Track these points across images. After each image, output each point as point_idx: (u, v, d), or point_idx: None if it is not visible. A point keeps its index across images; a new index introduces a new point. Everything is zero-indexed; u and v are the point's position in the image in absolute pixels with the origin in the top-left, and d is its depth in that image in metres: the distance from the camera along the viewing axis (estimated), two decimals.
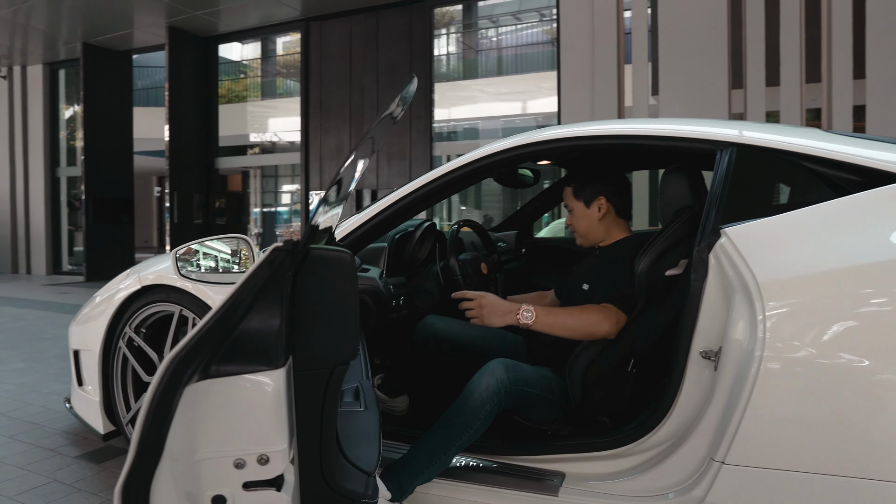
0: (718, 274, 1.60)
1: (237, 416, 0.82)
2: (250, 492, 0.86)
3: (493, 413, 1.86)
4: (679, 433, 1.67)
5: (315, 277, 0.96)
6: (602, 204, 2.12)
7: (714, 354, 1.59)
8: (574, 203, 2.17)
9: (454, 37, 11.94)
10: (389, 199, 2.11)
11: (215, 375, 0.81)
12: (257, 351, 0.83)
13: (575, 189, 2.17)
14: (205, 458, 0.83)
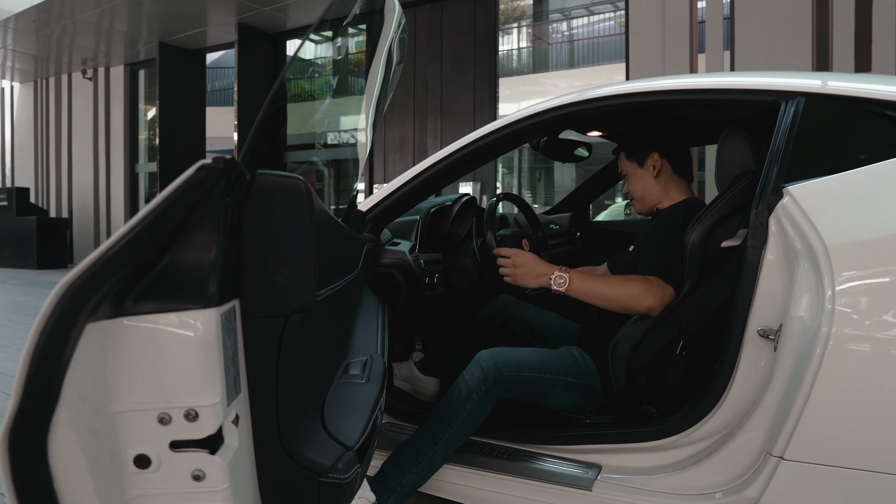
0: (780, 239, 1.38)
1: (160, 362, 0.70)
2: (178, 452, 0.74)
3: (483, 404, 1.69)
4: (731, 424, 1.45)
5: (263, 208, 0.83)
6: (656, 161, 1.92)
7: (774, 333, 1.37)
8: (627, 166, 1.99)
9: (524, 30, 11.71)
10: (422, 165, 1.97)
11: (132, 313, 0.69)
12: (184, 287, 0.71)
13: (627, 151, 2.00)
14: (124, 410, 0.71)
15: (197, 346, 0.71)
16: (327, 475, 0.88)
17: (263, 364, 0.83)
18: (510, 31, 11.18)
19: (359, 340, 1.53)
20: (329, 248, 0.93)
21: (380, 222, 1.98)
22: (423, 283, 2.07)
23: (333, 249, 0.97)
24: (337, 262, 1.03)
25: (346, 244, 1.20)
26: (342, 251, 1.13)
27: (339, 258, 1.07)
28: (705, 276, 1.69)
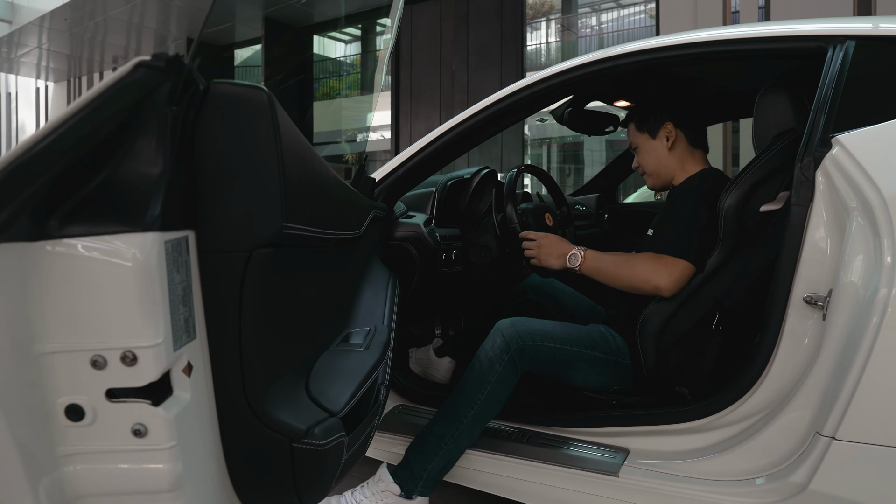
0: (828, 195, 1.23)
1: (91, 294, 0.60)
2: (116, 403, 0.63)
3: (506, 376, 1.57)
4: (774, 402, 1.31)
5: (219, 123, 0.71)
6: (670, 131, 1.77)
7: (822, 300, 1.22)
8: (638, 138, 1.84)
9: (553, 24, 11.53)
10: (437, 131, 1.85)
11: (58, 236, 0.59)
12: (121, 206, 0.60)
13: (638, 121, 1.83)
14: (50, 351, 0.61)
15: (133, 276, 0.60)
16: (301, 440, 0.77)
17: (224, 307, 0.72)
18: (539, 25, 11.00)
19: (363, 310, 1.42)
20: (307, 181, 0.82)
21: (393, 193, 1.87)
22: (439, 257, 1.96)
23: (315, 186, 0.86)
24: (324, 205, 0.92)
25: (340, 193, 1.09)
26: (333, 198, 1.01)
27: (328, 204, 0.96)
28: (742, 243, 1.55)
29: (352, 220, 1.26)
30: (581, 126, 2.40)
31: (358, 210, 1.36)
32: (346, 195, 1.19)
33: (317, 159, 0.88)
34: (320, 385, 0.92)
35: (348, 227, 1.21)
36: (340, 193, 1.12)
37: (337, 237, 1.07)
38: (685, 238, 1.59)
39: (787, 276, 1.28)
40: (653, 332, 1.61)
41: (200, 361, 0.71)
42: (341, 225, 1.12)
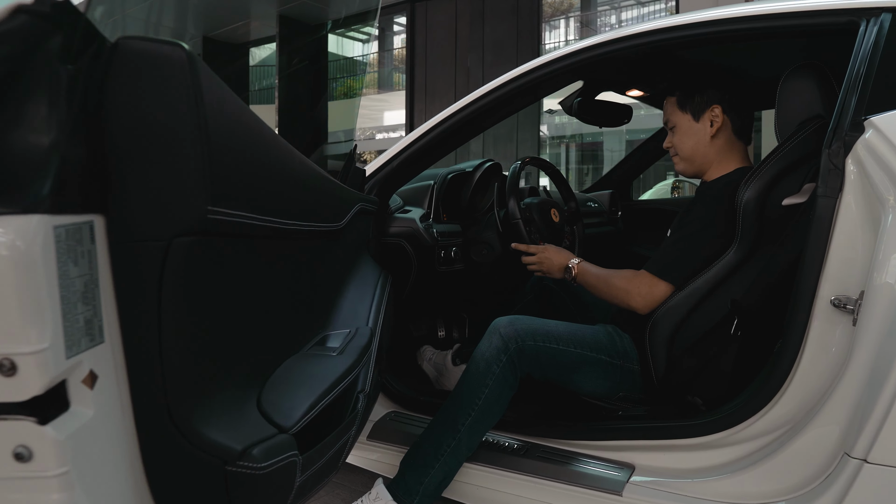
0: (860, 185, 1.10)
1: None
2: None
3: (505, 378, 1.45)
4: (797, 416, 1.17)
5: (127, 86, 0.60)
6: (716, 116, 1.57)
7: (852, 303, 1.09)
8: (678, 117, 1.63)
9: (571, 22, 11.39)
10: (434, 120, 1.73)
11: None
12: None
13: (680, 98, 1.62)
14: None
15: (9, 267, 0.49)
16: (236, 463, 0.66)
17: (140, 306, 0.60)
18: (557, 23, 10.85)
19: (346, 311, 1.31)
20: (251, 160, 0.70)
21: (388, 186, 1.75)
22: (436, 255, 1.84)
23: (265, 167, 0.75)
24: (281, 191, 0.81)
25: (310, 181, 0.97)
26: (298, 185, 0.90)
27: (288, 190, 0.84)
28: (762, 241, 1.41)
29: (327, 211, 1.14)
30: (592, 117, 2.27)
31: (338, 201, 1.25)
32: (320, 184, 1.07)
33: (269, 137, 0.77)
34: (276, 396, 0.81)
35: (322, 219, 1.10)
36: (311, 181, 1.00)
37: (304, 229, 0.96)
38: (678, 255, 1.50)
39: (813, 277, 1.14)
40: (664, 335, 1.48)
41: (110, 370, 0.60)
42: (310, 216, 1.01)
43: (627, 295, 1.52)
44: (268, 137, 0.77)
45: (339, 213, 1.26)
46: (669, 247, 1.53)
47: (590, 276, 1.62)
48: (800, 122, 1.43)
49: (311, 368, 0.94)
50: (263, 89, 8.51)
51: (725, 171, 1.60)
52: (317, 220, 1.05)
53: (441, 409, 1.51)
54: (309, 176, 0.99)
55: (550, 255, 1.73)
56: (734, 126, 1.60)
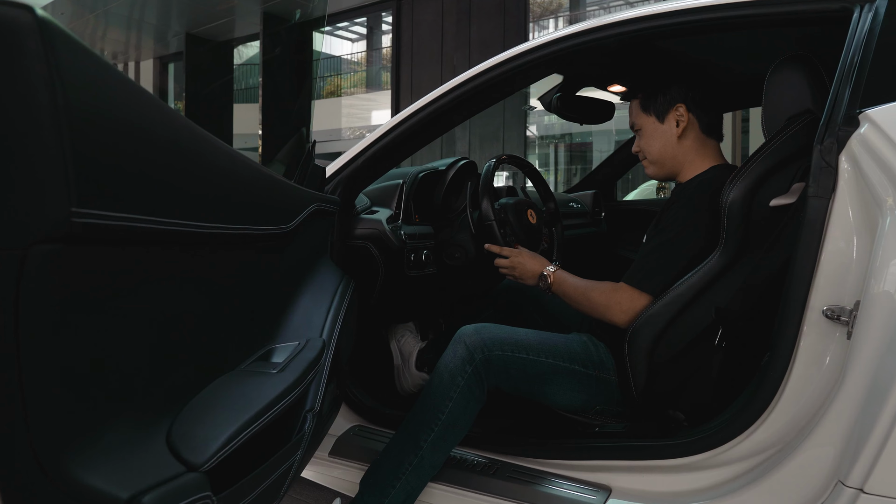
0: (855, 184, 1.00)
1: None
2: None
3: (470, 391, 1.35)
4: (786, 437, 1.07)
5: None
6: (681, 115, 1.50)
7: (847, 314, 0.99)
8: (643, 119, 1.56)
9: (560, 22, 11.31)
10: (402, 114, 1.63)
11: None
12: None
13: (643, 100, 1.55)
14: None
15: None
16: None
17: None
18: (546, 23, 10.76)
19: (297, 322, 1.20)
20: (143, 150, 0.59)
21: (353, 185, 1.64)
22: (405, 258, 1.73)
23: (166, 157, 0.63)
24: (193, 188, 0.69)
25: (243, 177, 0.86)
26: (223, 181, 0.78)
27: (206, 187, 0.73)
28: (748, 244, 1.31)
29: (269, 212, 1.03)
30: (572, 114, 2.17)
31: (285, 201, 1.13)
32: (260, 182, 0.96)
33: (177, 126, 0.66)
34: (189, 426, 0.70)
35: (263, 221, 0.99)
36: (245, 179, 0.89)
37: (234, 233, 0.85)
38: (658, 264, 1.40)
39: (803, 285, 1.04)
40: (645, 345, 1.38)
41: None
42: (244, 218, 0.89)
43: (608, 310, 1.43)
44: (175, 126, 0.66)
45: (289, 214, 1.15)
46: (648, 255, 1.43)
47: (566, 287, 1.52)
48: (788, 118, 1.34)
49: (242, 389, 0.83)
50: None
51: (699, 170, 1.51)
52: (254, 222, 0.94)
53: (402, 424, 1.40)
54: (242, 173, 0.88)
55: (524, 259, 1.63)
56: (701, 124, 1.52)
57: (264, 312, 1.08)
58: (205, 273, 0.81)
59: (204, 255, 0.79)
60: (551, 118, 10.11)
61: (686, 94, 1.51)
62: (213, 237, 0.79)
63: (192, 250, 0.75)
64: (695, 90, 1.52)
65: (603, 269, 1.75)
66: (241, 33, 10.24)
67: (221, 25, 9.81)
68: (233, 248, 0.90)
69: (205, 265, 0.81)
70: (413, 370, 1.92)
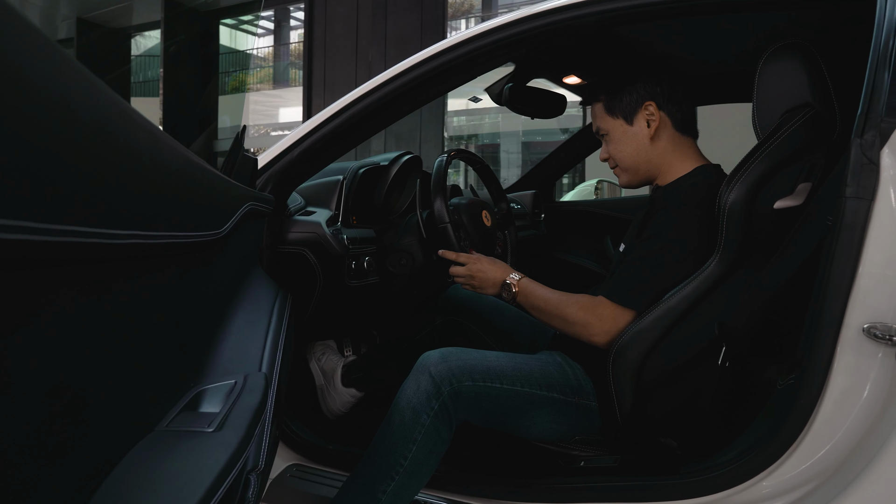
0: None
1: None
2: None
3: (437, 431, 1.16)
4: (821, 474, 0.93)
5: None
6: (651, 114, 1.35)
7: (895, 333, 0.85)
8: (609, 123, 1.39)
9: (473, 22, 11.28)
10: (345, 100, 1.40)
11: None
12: None
13: (607, 102, 1.39)
14: None
15: None
16: None
17: None
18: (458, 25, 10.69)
19: (229, 351, 0.95)
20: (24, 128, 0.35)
21: (285, 181, 1.40)
22: (346, 266, 1.51)
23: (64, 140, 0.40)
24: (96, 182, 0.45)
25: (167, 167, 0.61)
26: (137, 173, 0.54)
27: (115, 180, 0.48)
28: (748, 251, 1.17)
29: (199, 214, 0.78)
30: (523, 106, 1.99)
31: (217, 199, 0.89)
32: (187, 170, 0.71)
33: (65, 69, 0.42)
34: None
35: (189, 225, 0.74)
36: (169, 165, 0.64)
37: (150, 243, 0.60)
38: (646, 277, 1.23)
39: (839, 299, 0.90)
40: (631, 366, 1.22)
41: None
42: (165, 221, 0.65)
43: (586, 329, 1.24)
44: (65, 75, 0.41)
45: (222, 216, 0.90)
46: (632, 266, 1.26)
47: (535, 299, 1.33)
48: (785, 112, 1.21)
49: (170, 467, 0.59)
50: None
51: (681, 171, 1.36)
52: (181, 227, 0.69)
53: (355, 471, 1.18)
54: (166, 158, 0.63)
55: (484, 266, 1.42)
56: (675, 121, 1.37)
57: (190, 344, 0.83)
58: (110, 305, 0.56)
59: (111, 277, 0.54)
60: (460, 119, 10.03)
61: (654, 89, 1.36)
62: (126, 250, 0.54)
63: (95, 272, 0.51)
64: (663, 84, 1.37)
65: (543, 274, 1.58)
66: (141, 20, 9.51)
67: (117, 11, 9.07)
68: (150, 264, 0.65)
69: (113, 292, 0.56)
70: (339, 387, 1.70)
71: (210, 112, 1.43)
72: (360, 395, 1.68)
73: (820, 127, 1.17)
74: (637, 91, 1.36)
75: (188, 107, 2.43)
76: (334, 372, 1.68)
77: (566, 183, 8.13)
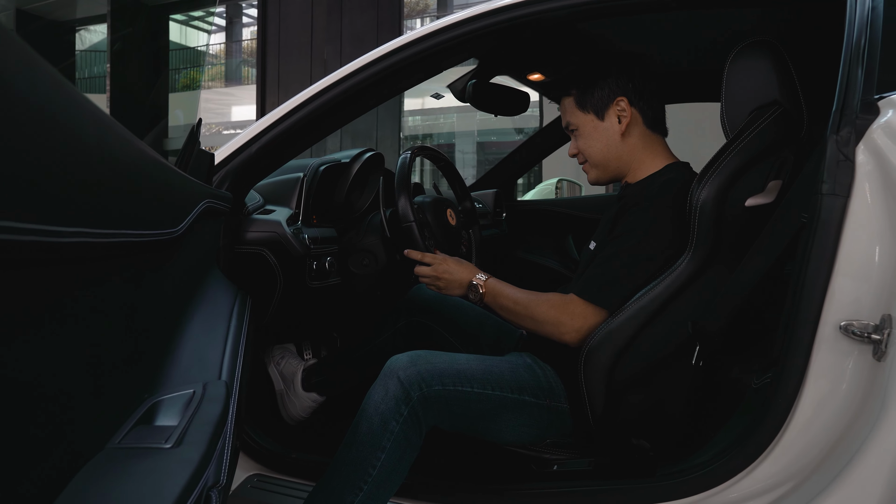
0: (879, 180, 0.87)
1: None
2: None
3: (407, 437, 1.12)
4: (798, 473, 0.92)
5: None
6: (623, 109, 1.34)
7: (873, 331, 0.85)
8: (579, 118, 1.38)
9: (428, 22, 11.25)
10: (299, 97, 1.35)
11: None
12: None
13: (578, 96, 1.37)
14: None
15: None
16: None
17: None
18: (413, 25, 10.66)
19: (185, 359, 0.89)
20: None
21: (243, 178, 1.34)
22: (307, 267, 1.45)
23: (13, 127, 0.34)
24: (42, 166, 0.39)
25: (115, 159, 0.55)
26: (84, 164, 0.48)
27: (62, 174, 0.43)
28: (719, 249, 1.17)
29: (154, 210, 0.72)
30: (486, 103, 1.97)
31: (172, 196, 0.83)
32: (139, 162, 0.65)
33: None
34: None
35: (143, 223, 0.68)
36: (120, 157, 0.58)
37: (101, 241, 0.54)
38: (618, 275, 1.22)
39: (815, 297, 0.89)
40: (602, 366, 1.20)
41: None
42: (117, 218, 0.59)
43: (557, 328, 1.22)
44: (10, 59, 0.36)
45: (178, 214, 0.84)
46: (604, 263, 1.24)
47: (503, 300, 1.30)
48: (753, 110, 1.21)
49: (124, 489, 0.53)
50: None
51: (652, 169, 1.35)
52: (134, 224, 0.64)
53: (322, 481, 1.13)
54: (116, 150, 0.57)
55: (450, 267, 1.39)
56: (646, 118, 1.36)
57: (144, 352, 0.77)
58: (53, 311, 0.50)
59: (54, 281, 0.48)
60: (415, 119, 10.00)
61: (626, 85, 1.35)
62: (74, 248, 0.48)
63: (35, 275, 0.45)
64: (635, 80, 1.36)
65: (505, 273, 1.55)
66: (85, 14, 9.18)
67: (59, 3, 8.74)
68: (101, 265, 0.59)
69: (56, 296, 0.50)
70: (300, 392, 1.64)
71: (161, 107, 1.36)
72: (322, 399, 1.62)
73: (788, 124, 1.17)
74: (609, 86, 1.35)
75: (137, 102, 2.33)
76: (294, 376, 1.62)
77: (521, 183, 8.17)
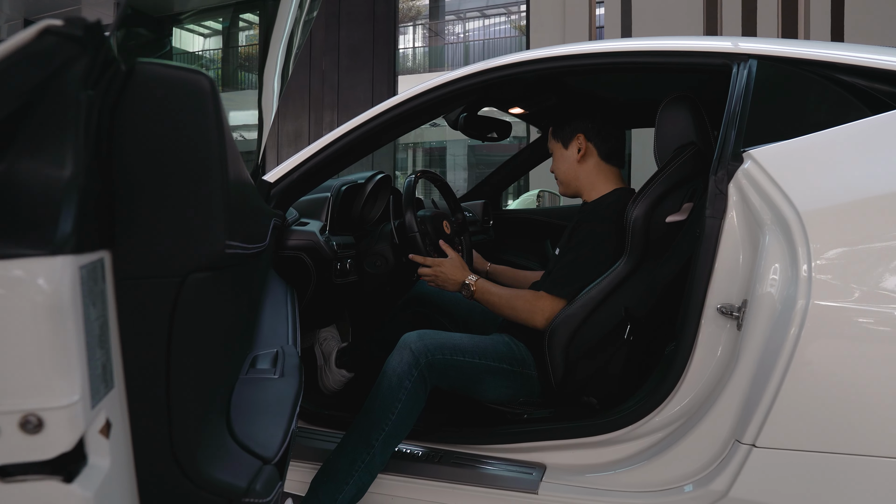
0: (741, 208, 1.27)
1: None
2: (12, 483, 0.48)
3: (417, 393, 1.51)
4: (692, 410, 1.32)
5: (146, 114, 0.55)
6: (581, 143, 1.78)
7: (736, 310, 1.25)
8: (553, 144, 1.86)
9: (419, 29, 11.64)
10: (331, 136, 1.73)
11: None
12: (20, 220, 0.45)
13: (554, 129, 1.86)
14: None
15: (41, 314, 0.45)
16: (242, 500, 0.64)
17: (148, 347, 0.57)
18: (406, 30, 11.04)
19: (266, 330, 1.28)
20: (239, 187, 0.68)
21: (286, 198, 1.73)
22: (334, 268, 1.84)
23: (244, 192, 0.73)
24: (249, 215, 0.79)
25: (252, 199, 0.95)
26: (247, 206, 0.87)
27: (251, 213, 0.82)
28: (648, 253, 1.57)
29: (261, 230, 1.12)
30: (475, 132, 2.38)
31: (264, 218, 1.22)
32: (257, 201, 1.05)
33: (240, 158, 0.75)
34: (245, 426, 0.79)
35: (260, 238, 1.08)
36: (253, 199, 0.98)
37: (254, 251, 0.94)
38: (575, 275, 1.63)
39: (702, 287, 1.30)
40: (561, 343, 1.59)
41: (119, 417, 0.56)
42: (256, 236, 0.98)
43: (531, 315, 1.63)
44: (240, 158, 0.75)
45: (265, 230, 1.23)
46: (565, 267, 1.66)
47: (490, 296, 1.71)
48: (676, 148, 1.62)
49: (264, 394, 0.92)
50: None
51: (602, 192, 1.78)
52: (258, 239, 1.03)
53: (353, 425, 1.52)
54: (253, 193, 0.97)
55: (446, 269, 1.79)
56: (600, 151, 1.79)
57: (249, 324, 1.16)
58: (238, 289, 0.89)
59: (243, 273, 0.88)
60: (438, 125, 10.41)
61: (586, 125, 1.79)
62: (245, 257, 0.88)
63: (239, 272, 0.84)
64: (595, 122, 1.79)
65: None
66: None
67: (66, 14, 9.05)
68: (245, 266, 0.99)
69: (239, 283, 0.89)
70: (333, 368, 2.03)
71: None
72: (350, 375, 2.01)
73: (701, 160, 1.57)
74: (572, 125, 1.80)
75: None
76: (330, 355, 2.02)
77: (511, 189, 8.60)
